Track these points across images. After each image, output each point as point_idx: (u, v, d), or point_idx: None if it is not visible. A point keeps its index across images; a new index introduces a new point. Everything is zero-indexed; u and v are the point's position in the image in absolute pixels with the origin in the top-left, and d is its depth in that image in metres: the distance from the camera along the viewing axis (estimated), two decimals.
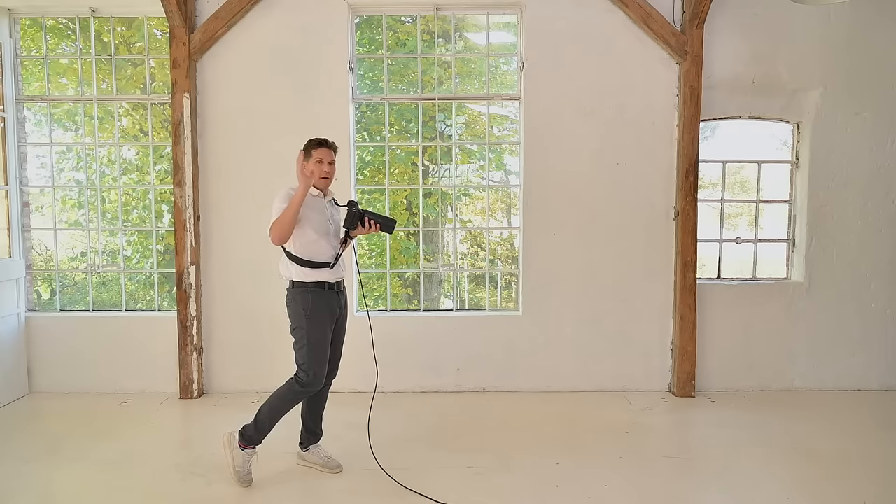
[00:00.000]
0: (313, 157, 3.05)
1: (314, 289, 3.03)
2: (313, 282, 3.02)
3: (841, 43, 4.40)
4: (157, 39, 5.19)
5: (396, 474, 3.13)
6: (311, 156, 3.05)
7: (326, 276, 3.04)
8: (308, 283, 3.02)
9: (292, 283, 3.05)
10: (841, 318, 4.55)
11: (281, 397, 3.05)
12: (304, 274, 3.02)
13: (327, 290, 3.05)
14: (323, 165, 3.05)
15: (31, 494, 3.02)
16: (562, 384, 4.54)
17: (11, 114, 4.45)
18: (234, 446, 3.09)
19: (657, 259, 4.48)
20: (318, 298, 3.02)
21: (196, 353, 4.40)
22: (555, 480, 3.13)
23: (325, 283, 3.04)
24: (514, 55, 4.70)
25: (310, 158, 3.06)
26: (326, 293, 3.05)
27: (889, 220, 4.51)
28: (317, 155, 3.05)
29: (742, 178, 6.28)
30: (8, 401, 4.30)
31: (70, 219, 6.31)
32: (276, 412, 3.06)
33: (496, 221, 7.02)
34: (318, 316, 3.02)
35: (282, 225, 2.91)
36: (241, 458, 3.08)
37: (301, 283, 3.03)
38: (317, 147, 3.07)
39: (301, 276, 3.02)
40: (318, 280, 3.02)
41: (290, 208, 2.91)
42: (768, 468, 3.28)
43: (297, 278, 3.03)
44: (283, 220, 2.91)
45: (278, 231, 2.93)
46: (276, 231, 2.93)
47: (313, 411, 3.27)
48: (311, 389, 3.04)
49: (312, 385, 3.02)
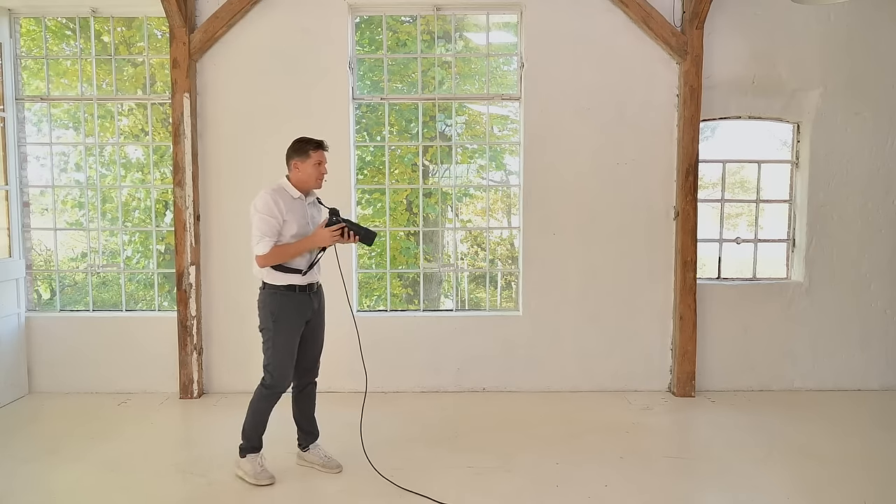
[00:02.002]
0: (312, 160, 2.97)
1: (284, 292, 2.99)
2: (284, 285, 2.98)
3: (841, 43, 4.39)
4: (157, 39, 5.19)
5: (396, 474, 3.12)
6: (310, 157, 2.97)
7: (298, 280, 3.00)
8: (279, 285, 2.98)
9: (264, 284, 3.02)
10: (841, 318, 4.55)
11: (252, 403, 3.08)
12: (275, 277, 2.97)
13: (298, 293, 3.01)
14: (321, 168, 3.00)
15: (30, 494, 3.02)
16: (562, 384, 4.54)
17: (11, 114, 4.45)
18: (239, 461, 3.13)
19: (657, 259, 4.48)
20: (287, 301, 2.99)
21: (196, 353, 4.40)
22: (555, 480, 3.13)
23: (296, 286, 3.00)
24: (514, 55, 4.70)
25: (307, 160, 2.97)
26: (297, 296, 3.01)
27: (889, 220, 4.51)
28: (315, 157, 2.98)
29: (742, 178, 6.28)
30: (8, 401, 4.30)
31: (70, 219, 6.32)
32: (255, 418, 3.08)
33: (496, 221, 7.02)
34: (287, 319, 2.99)
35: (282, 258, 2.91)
36: (248, 463, 3.10)
37: (272, 286, 2.99)
38: (316, 149, 2.99)
39: (272, 278, 2.98)
40: (288, 283, 2.98)
41: (297, 248, 2.92)
42: (768, 468, 3.28)
43: (268, 280, 2.99)
44: (283, 255, 2.90)
45: (274, 262, 2.91)
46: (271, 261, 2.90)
47: (303, 412, 3.27)
48: (276, 390, 3.03)
49: (277, 386, 3.02)
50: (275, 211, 2.90)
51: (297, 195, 3.01)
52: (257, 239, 2.89)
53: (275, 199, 2.91)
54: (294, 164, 3.01)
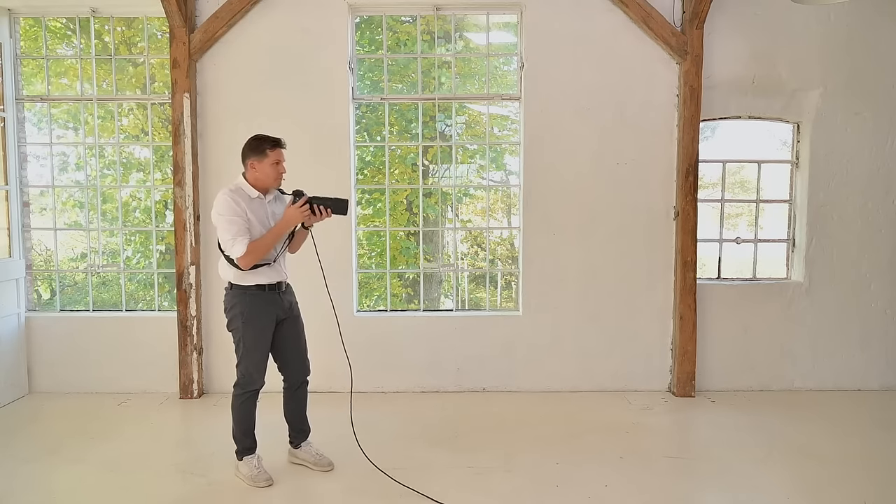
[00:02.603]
0: (269, 159, 2.91)
1: (253, 292, 2.96)
2: (252, 285, 2.95)
3: (841, 43, 4.39)
4: (157, 39, 5.19)
5: (396, 474, 3.12)
6: (267, 156, 2.91)
7: (265, 279, 2.96)
8: (247, 286, 2.95)
9: (231, 285, 2.98)
10: (841, 318, 4.55)
11: (233, 407, 3.08)
12: (242, 277, 2.93)
13: (267, 292, 2.99)
14: (279, 167, 2.95)
15: (30, 494, 3.02)
16: (562, 384, 4.54)
17: (11, 114, 4.45)
18: (237, 464, 3.15)
19: (657, 259, 4.48)
20: (256, 301, 2.96)
21: (196, 353, 4.40)
22: (555, 480, 3.13)
23: (265, 285, 2.97)
24: (514, 55, 4.70)
25: (264, 159, 2.91)
26: (266, 295, 2.98)
27: (889, 220, 4.51)
28: (273, 156, 2.92)
29: (742, 178, 6.28)
30: (8, 401, 4.30)
31: (70, 219, 6.31)
32: (240, 422, 3.08)
33: (496, 221, 7.02)
34: (256, 319, 2.97)
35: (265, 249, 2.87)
36: (245, 466, 3.11)
37: (240, 287, 2.95)
38: (273, 147, 2.92)
39: (239, 279, 2.94)
40: (257, 283, 2.95)
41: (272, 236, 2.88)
42: (768, 468, 3.28)
43: (235, 281, 2.96)
44: (261, 248, 2.86)
45: (257, 257, 2.86)
46: (255, 257, 2.85)
47: (295, 410, 3.27)
48: (249, 389, 3.03)
49: (249, 385, 3.02)
50: (237, 210, 2.86)
51: (256, 195, 2.96)
52: (231, 242, 2.84)
53: (235, 199, 2.87)
54: (251, 164, 2.94)
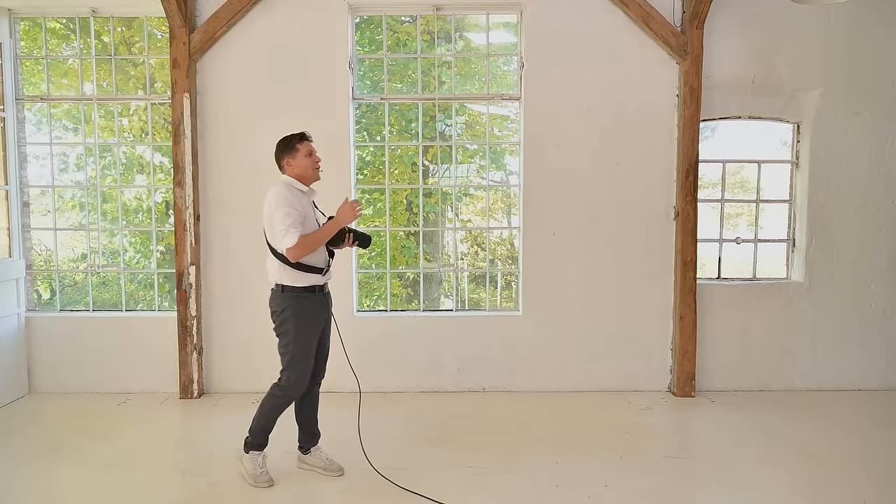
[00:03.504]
0: (301, 152, 2.96)
1: (305, 293, 2.94)
2: (304, 286, 2.93)
3: (841, 43, 4.39)
4: (157, 39, 5.18)
5: (396, 474, 3.12)
6: (298, 150, 2.95)
7: (317, 280, 2.97)
8: (299, 287, 2.93)
9: (281, 286, 2.95)
10: (841, 318, 4.55)
11: (265, 405, 3.04)
12: (296, 278, 2.92)
13: (317, 294, 2.99)
14: (314, 157, 2.99)
15: (30, 494, 3.02)
16: (562, 384, 4.54)
17: (11, 114, 4.45)
18: (242, 456, 3.13)
19: (657, 259, 4.48)
20: (308, 303, 2.95)
21: (196, 353, 4.40)
22: (555, 480, 3.13)
23: (316, 286, 2.97)
24: (514, 55, 4.70)
25: (297, 154, 2.95)
26: (316, 297, 2.98)
27: (889, 220, 4.51)
28: (304, 149, 2.97)
29: (742, 178, 6.28)
30: (8, 401, 4.30)
31: (71, 219, 6.31)
32: (266, 420, 3.06)
33: (496, 221, 7.02)
34: (308, 322, 2.96)
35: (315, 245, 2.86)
36: (248, 460, 3.09)
37: (291, 288, 2.93)
38: (301, 141, 2.97)
39: (293, 280, 2.92)
40: (309, 284, 2.94)
41: (328, 232, 2.87)
42: (768, 468, 3.28)
43: (288, 282, 2.93)
44: (317, 241, 2.86)
45: (307, 251, 2.84)
46: (304, 250, 2.83)
47: (306, 414, 3.24)
48: (292, 395, 3.01)
49: (293, 391, 2.99)
50: (294, 202, 2.87)
51: (305, 188, 3.00)
52: (283, 233, 2.81)
53: (290, 192, 2.90)
54: (287, 163, 2.98)
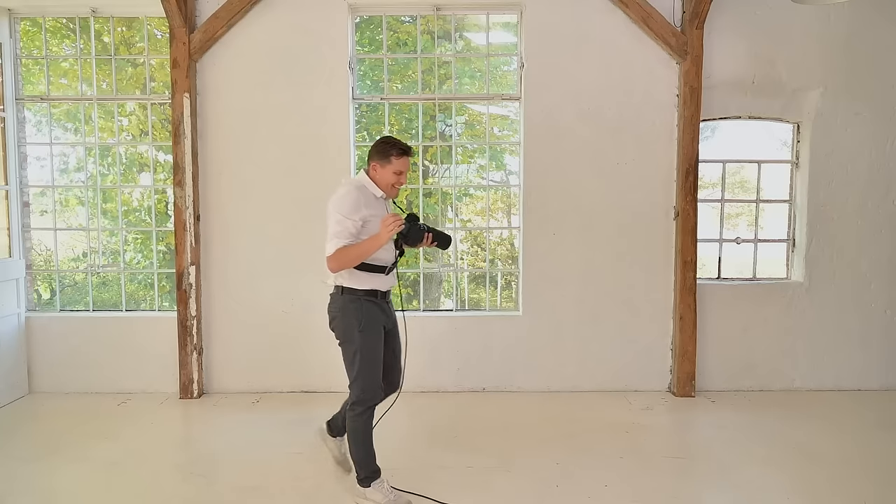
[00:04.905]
0: (392, 166, 2.72)
1: (367, 298, 2.76)
2: (365, 290, 2.75)
3: (841, 43, 4.39)
4: (157, 39, 5.18)
5: (396, 474, 3.12)
6: (391, 163, 2.72)
7: (379, 284, 2.80)
8: (360, 290, 2.74)
9: (341, 289, 2.76)
10: (841, 318, 4.54)
11: (351, 431, 2.83)
12: (357, 280, 2.74)
13: (379, 300, 2.82)
14: (400, 178, 2.76)
15: (31, 494, 3.02)
16: (562, 384, 4.54)
17: (11, 114, 4.45)
18: (364, 493, 2.89)
19: (657, 259, 4.48)
20: (371, 308, 2.77)
21: (196, 353, 4.40)
22: (555, 480, 3.13)
23: (378, 291, 2.80)
24: (514, 55, 4.70)
25: (387, 165, 2.72)
26: (379, 303, 2.81)
27: (889, 220, 4.51)
28: (397, 165, 2.72)
29: (742, 178, 6.27)
30: (8, 401, 4.30)
31: (70, 219, 6.31)
32: (363, 442, 2.85)
33: (496, 221, 7.02)
34: (372, 328, 2.77)
35: (351, 260, 2.64)
36: (377, 493, 2.86)
37: (352, 291, 2.74)
38: (399, 155, 2.73)
39: (354, 282, 2.74)
40: (371, 288, 2.77)
41: (368, 248, 2.62)
42: (768, 468, 3.28)
43: (348, 284, 2.74)
44: (353, 257, 2.63)
45: (343, 265, 2.64)
46: (340, 264, 2.63)
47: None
48: (369, 405, 2.81)
49: (370, 401, 2.80)
50: (359, 207, 2.66)
51: (380, 194, 2.78)
52: (328, 239, 2.67)
53: (359, 200, 2.68)
54: (373, 166, 2.77)
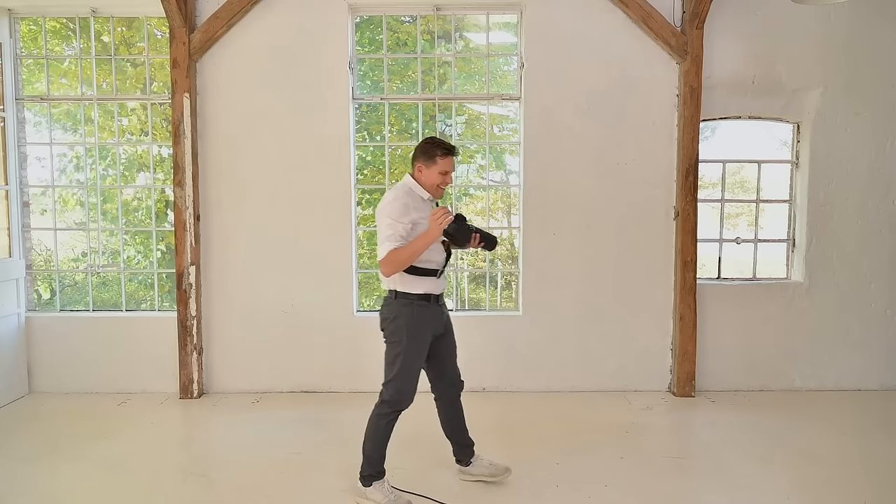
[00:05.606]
0: (437, 167, 2.73)
1: (420, 302, 2.75)
2: (418, 293, 2.75)
3: (841, 43, 4.39)
4: (157, 39, 5.18)
5: (396, 474, 3.12)
6: (436, 163, 2.73)
7: (432, 287, 2.78)
8: (413, 294, 2.74)
9: (395, 293, 2.76)
10: (841, 318, 4.54)
11: (371, 426, 2.85)
12: (410, 284, 2.73)
13: (432, 304, 2.80)
14: (446, 178, 2.77)
15: (30, 494, 3.02)
16: (562, 384, 4.53)
17: (11, 114, 4.45)
18: (364, 492, 2.89)
19: (657, 259, 4.48)
20: (423, 313, 2.76)
21: (196, 353, 4.40)
22: (555, 480, 3.13)
23: (431, 294, 2.78)
24: (514, 55, 4.70)
25: (433, 166, 2.73)
26: (431, 307, 2.80)
27: (889, 220, 4.51)
28: (442, 165, 2.73)
29: (742, 178, 6.27)
30: (8, 401, 4.30)
31: (70, 219, 6.31)
32: (380, 441, 2.85)
33: (496, 221, 7.02)
34: (421, 333, 2.77)
35: (403, 262, 2.64)
36: (378, 493, 2.85)
37: (405, 295, 2.74)
38: (444, 155, 2.74)
39: (407, 286, 2.73)
40: (424, 291, 2.76)
41: (419, 247, 2.62)
42: (768, 468, 3.28)
43: (402, 288, 2.74)
44: (405, 257, 2.63)
45: (396, 266, 2.64)
46: (393, 266, 2.64)
47: (454, 424, 3.08)
48: (399, 409, 2.80)
49: (399, 404, 2.78)
50: (408, 211, 2.68)
51: (427, 196, 2.79)
52: (380, 243, 2.68)
53: (407, 204, 2.69)
54: (418, 167, 2.78)
